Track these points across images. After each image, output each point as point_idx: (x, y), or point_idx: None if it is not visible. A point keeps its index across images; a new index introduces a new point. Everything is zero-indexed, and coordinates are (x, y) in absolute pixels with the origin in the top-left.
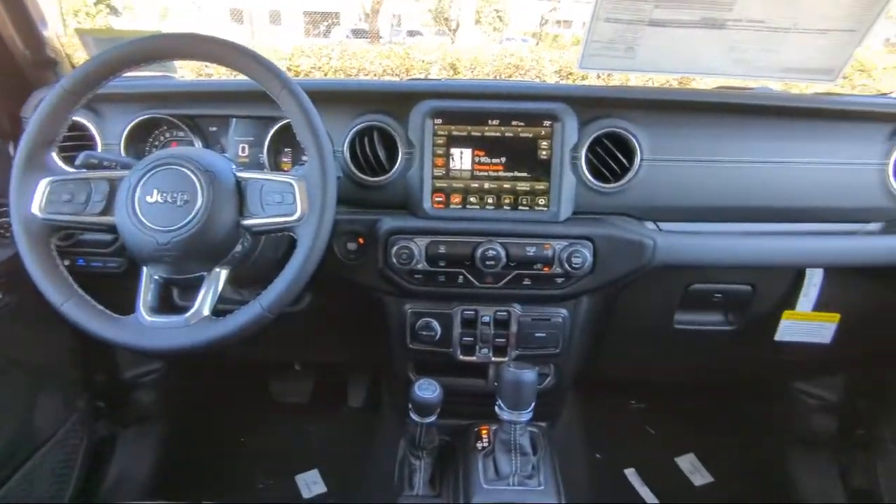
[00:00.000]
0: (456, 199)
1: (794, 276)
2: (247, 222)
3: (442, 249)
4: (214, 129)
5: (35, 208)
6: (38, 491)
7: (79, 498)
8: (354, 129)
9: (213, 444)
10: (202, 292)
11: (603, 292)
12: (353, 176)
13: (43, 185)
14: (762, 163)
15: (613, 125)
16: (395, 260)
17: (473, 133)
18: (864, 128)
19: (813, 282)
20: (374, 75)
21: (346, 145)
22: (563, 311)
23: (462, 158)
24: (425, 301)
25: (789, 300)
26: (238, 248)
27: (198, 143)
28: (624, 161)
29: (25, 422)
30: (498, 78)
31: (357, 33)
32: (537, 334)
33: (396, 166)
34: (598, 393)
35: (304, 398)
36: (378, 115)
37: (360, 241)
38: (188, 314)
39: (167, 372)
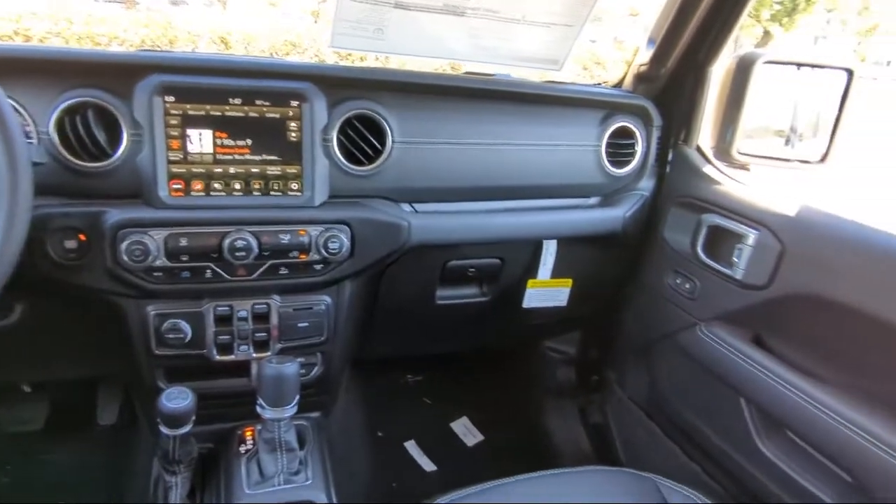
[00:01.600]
0: (197, 185)
1: (533, 248)
2: None
3: (184, 242)
4: None
5: None
6: None
7: None
8: (62, 107)
9: None
10: None
11: (365, 275)
12: (65, 161)
13: None
14: (500, 145)
15: (363, 107)
16: (126, 258)
17: (213, 113)
18: (582, 113)
19: (549, 252)
20: (132, 46)
21: (51, 125)
22: (326, 299)
23: (202, 141)
24: (170, 300)
25: (532, 270)
26: None
27: None
28: (376, 143)
29: None
30: (275, 55)
31: None
32: (300, 324)
33: (121, 150)
34: (377, 372)
35: (37, 424)
36: (93, 91)
37: (81, 237)
38: None
39: None
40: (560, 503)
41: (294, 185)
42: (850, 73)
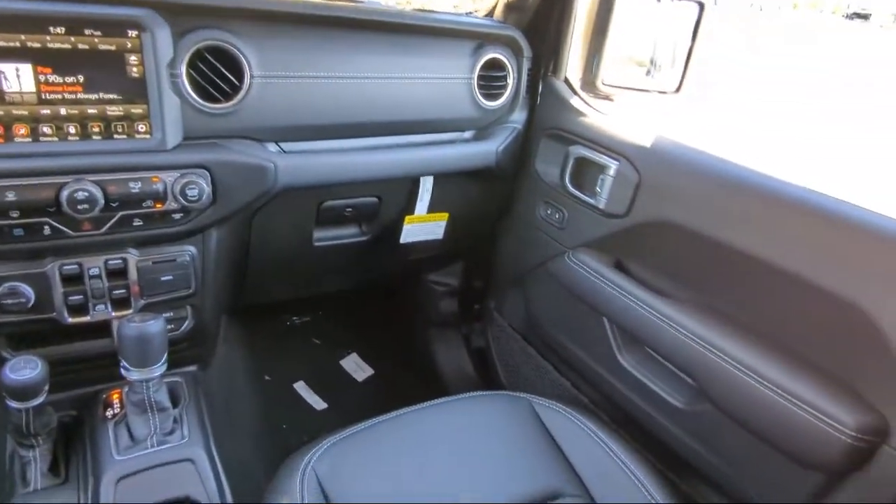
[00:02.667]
0: (21, 130)
1: (410, 185)
2: None
3: (11, 196)
4: None
5: None
6: None
7: None
8: None
9: None
10: None
11: (232, 222)
12: None
13: None
14: (369, 78)
15: (215, 37)
16: None
17: (31, 44)
18: (454, 45)
19: (425, 188)
20: None
21: None
22: (190, 248)
23: (20, 77)
24: (4, 262)
25: (409, 206)
26: None
27: None
28: (232, 79)
29: None
30: None
31: None
32: (163, 278)
33: None
34: (259, 318)
35: None
36: None
37: None
38: None
39: None
40: (443, 430)
41: (141, 127)
42: (701, 6)
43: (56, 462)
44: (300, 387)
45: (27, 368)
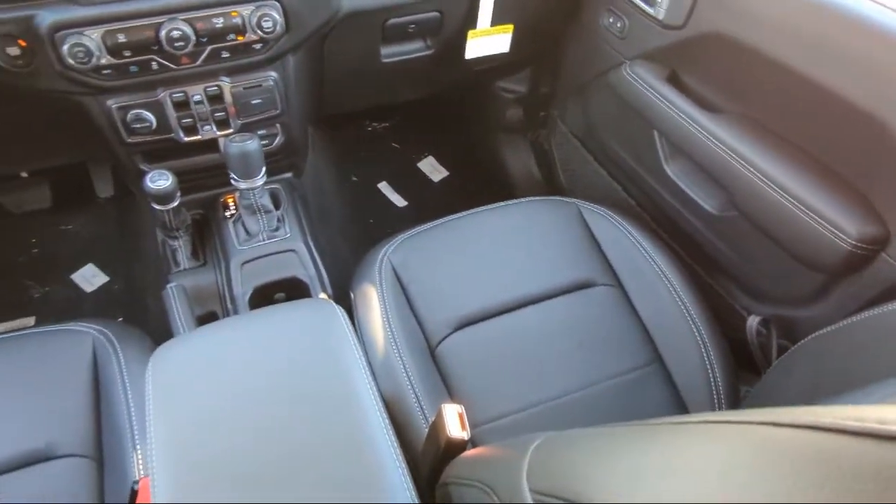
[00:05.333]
0: None
1: None
2: None
3: (122, 38)
4: None
5: None
6: None
7: None
8: None
9: None
10: None
11: (305, 47)
12: None
13: None
14: None
15: None
16: (72, 60)
17: None
18: None
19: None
20: None
21: None
22: (273, 74)
23: None
24: (127, 93)
25: (471, 20)
26: None
27: None
28: None
29: None
30: None
31: None
32: (253, 101)
33: None
34: (343, 126)
35: (45, 202)
36: None
37: (21, 42)
38: None
39: None
40: (499, 230)
41: None
42: None
43: (195, 249)
44: (383, 186)
45: (161, 179)
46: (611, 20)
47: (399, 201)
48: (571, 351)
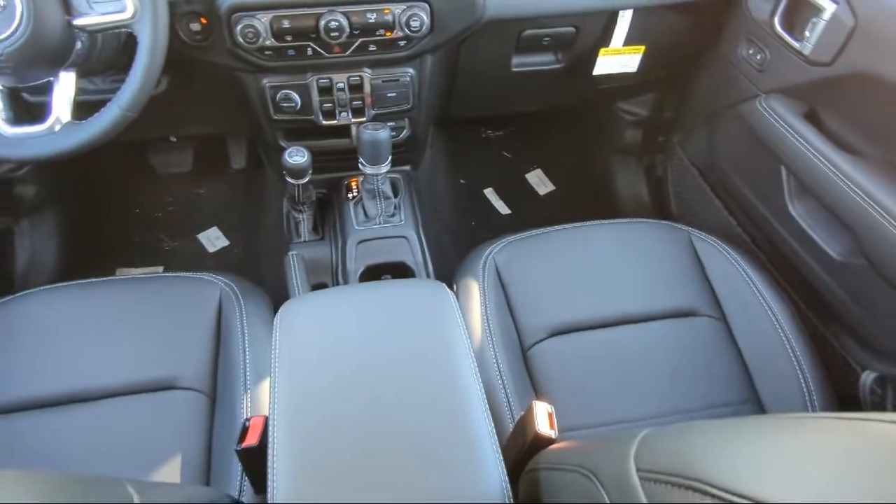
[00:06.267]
0: None
1: (608, 16)
2: (78, 22)
3: (286, 24)
4: None
5: None
6: None
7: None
8: None
9: (111, 220)
10: (55, 99)
11: (444, 48)
12: None
13: None
14: None
15: None
16: (241, 39)
17: None
18: None
19: (624, 20)
20: None
21: None
22: (410, 71)
23: None
24: (281, 74)
25: (605, 38)
26: (78, 46)
27: None
28: None
29: None
30: None
31: None
32: (389, 94)
33: None
34: (459, 130)
35: (186, 167)
36: None
37: (203, 20)
38: (49, 122)
39: (39, 165)
40: (603, 245)
41: None
42: None
43: (316, 224)
44: (489, 192)
45: (298, 156)
46: (750, 51)
47: (503, 208)
48: (664, 376)
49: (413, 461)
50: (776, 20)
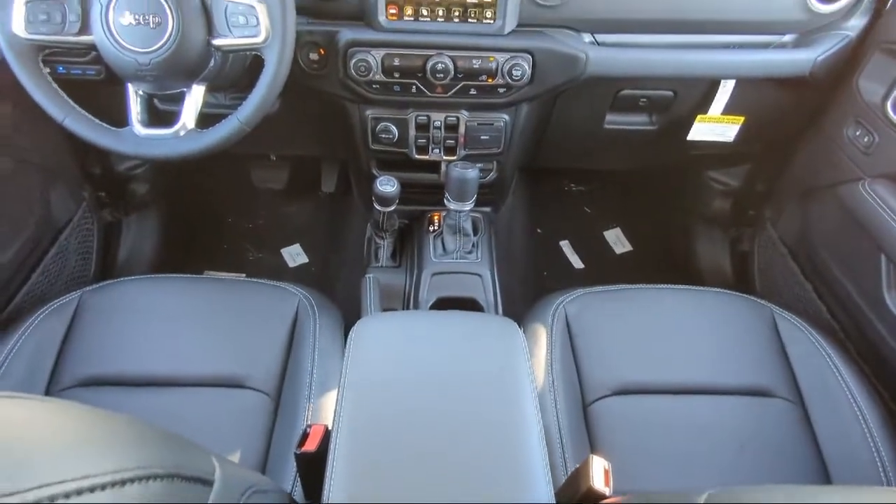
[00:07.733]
0: (409, 10)
1: (709, 84)
2: (217, 42)
3: (396, 62)
4: None
5: (17, 28)
6: (70, 265)
7: (101, 273)
8: None
9: (206, 225)
10: (185, 107)
11: (540, 99)
12: None
13: (19, 5)
14: None
15: None
16: (354, 72)
17: None
18: None
19: (725, 90)
20: None
21: None
22: (505, 117)
23: None
24: (383, 107)
25: (703, 105)
26: (211, 63)
27: None
28: None
29: (45, 211)
30: None
31: None
32: (482, 137)
33: None
34: (543, 179)
35: (281, 184)
36: None
37: (321, 51)
38: (176, 127)
39: (157, 165)
40: (681, 312)
41: (488, 14)
42: None
43: (395, 252)
44: (565, 245)
45: (388, 185)
46: (857, 133)
47: (577, 263)
48: (730, 452)
49: (465, 485)
50: (889, 104)
